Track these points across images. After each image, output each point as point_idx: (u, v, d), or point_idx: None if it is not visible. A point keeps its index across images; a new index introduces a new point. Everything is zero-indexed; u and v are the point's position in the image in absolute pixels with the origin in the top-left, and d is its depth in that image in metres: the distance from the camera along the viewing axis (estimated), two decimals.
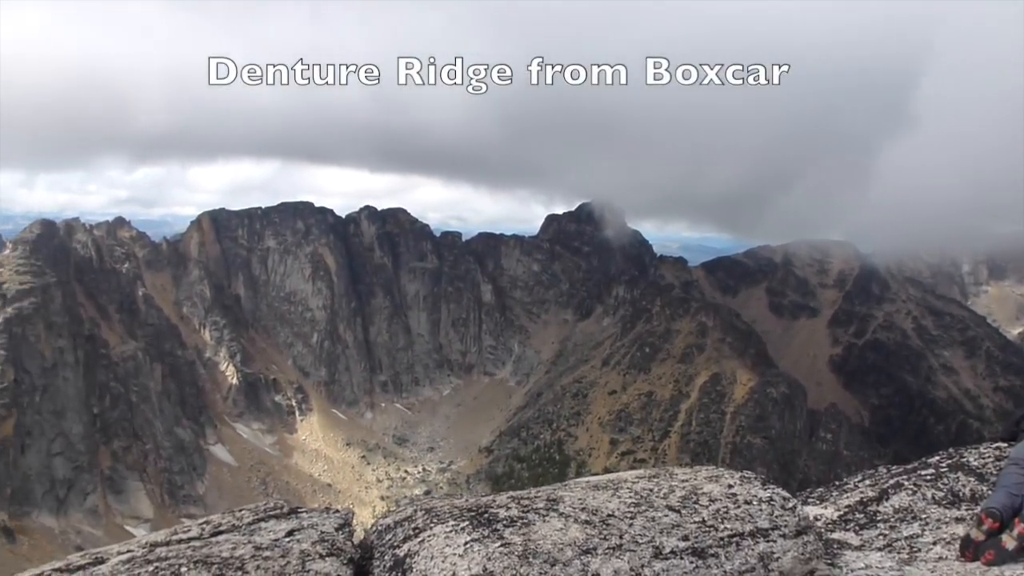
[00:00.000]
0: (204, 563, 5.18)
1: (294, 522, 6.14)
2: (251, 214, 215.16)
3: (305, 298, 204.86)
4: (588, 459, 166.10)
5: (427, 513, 5.93)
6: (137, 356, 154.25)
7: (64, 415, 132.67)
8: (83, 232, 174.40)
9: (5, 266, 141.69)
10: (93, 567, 5.70)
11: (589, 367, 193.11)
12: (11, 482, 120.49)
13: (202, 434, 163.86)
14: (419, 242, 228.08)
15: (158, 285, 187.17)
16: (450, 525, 5.48)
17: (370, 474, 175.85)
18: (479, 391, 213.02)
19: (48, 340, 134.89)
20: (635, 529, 5.57)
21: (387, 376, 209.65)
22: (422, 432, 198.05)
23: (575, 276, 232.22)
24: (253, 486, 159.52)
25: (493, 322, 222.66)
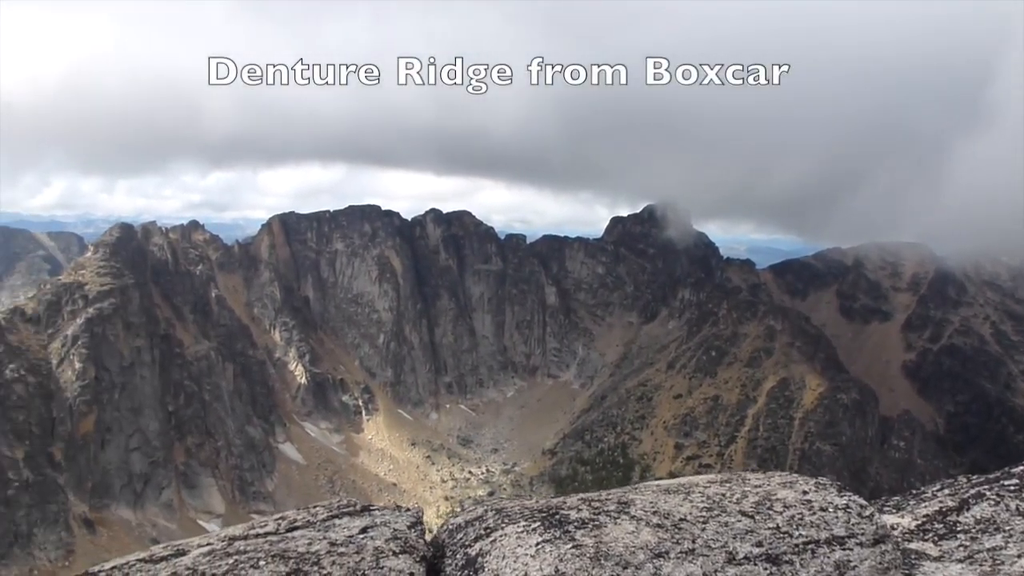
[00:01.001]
0: (281, 557, 5.30)
1: (367, 519, 6.24)
2: (319, 217, 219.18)
3: (372, 300, 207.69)
4: (652, 463, 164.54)
5: (498, 513, 5.97)
6: (210, 356, 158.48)
7: (141, 412, 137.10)
8: (159, 235, 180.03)
9: (87, 268, 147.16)
10: (175, 558, 5.87)
11: (654, 370, 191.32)
12: (92, 476, 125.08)
13: (272, 432, 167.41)
14: (484, 244, 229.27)
15: (230, 287, 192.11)
16: (521, 525, 5.50)
17: (434, 474, 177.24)
18: (543, 393, 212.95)
19: (126, 339, 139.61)
20: (708, 534, 5.51)
21: (452, 377, 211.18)
22: (486, 433, 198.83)
23: (640, 278, 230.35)
24: (320, 484, 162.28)
25: (557, 324, 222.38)
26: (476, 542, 5.60)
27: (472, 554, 5.45)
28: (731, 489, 6.49)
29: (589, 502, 6.07)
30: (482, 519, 6.01)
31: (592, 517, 5.64)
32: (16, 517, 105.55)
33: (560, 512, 5.77)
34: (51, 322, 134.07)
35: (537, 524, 5.51)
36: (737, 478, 6.95)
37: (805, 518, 5.95)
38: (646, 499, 6.12)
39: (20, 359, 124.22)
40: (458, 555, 5.63)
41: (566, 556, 4.96)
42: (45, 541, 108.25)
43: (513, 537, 5.37)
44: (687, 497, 6.23)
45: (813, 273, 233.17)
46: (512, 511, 5.99)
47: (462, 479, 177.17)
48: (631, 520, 5.61)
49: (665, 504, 6.00)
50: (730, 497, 6.26)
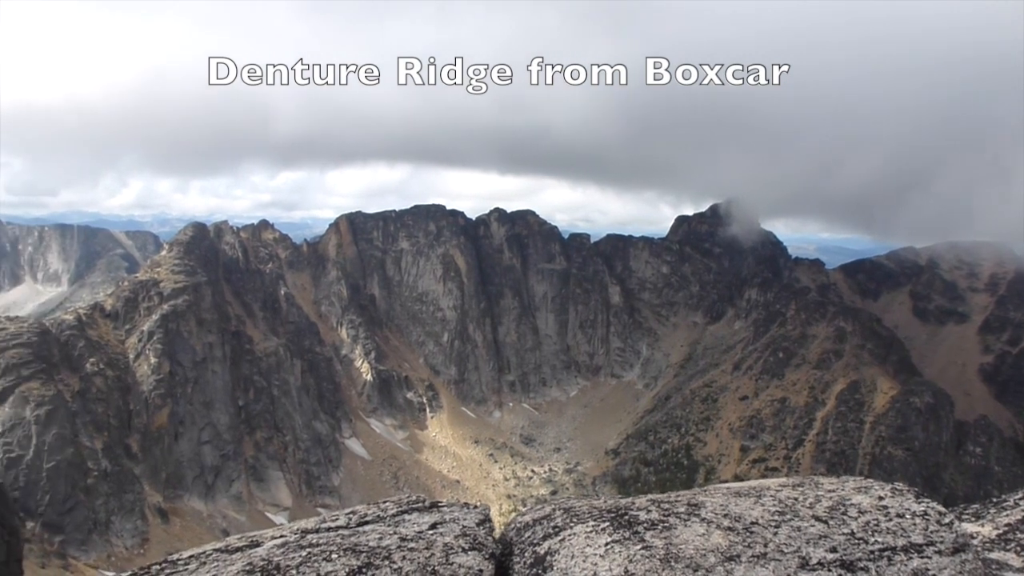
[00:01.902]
0: (353, 551, 5.39)
1: (436, 516, 6.30)
2: (385, 216, 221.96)
3: (436, 298, 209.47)
4: (717, 465, 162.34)
5: (566, 512, 5.96)
6: (279, 352, 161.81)
7: (213, 406, 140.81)
8: (231, 234, 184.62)
9: (162, 266, 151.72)
10: (250, 549, 6.01)
11: (719, 371, 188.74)
12: (166, 467, 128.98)
13: (338, 428, 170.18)
14: (548, 244, 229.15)
15: (299, 285, 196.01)
16: (590, 525, 5.48)
17: (497, 472, 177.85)
18: (606, 393, 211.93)
19: (199, 335, 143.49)
20: (780, 538, 5.41)
21: (515, 376, 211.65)
22: (549, 432, 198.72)
23: (705, 278, 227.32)
24: (385, 479, 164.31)
25: (621, 324, 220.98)
26: (544, 541, 5.60)
27: (540, 552, 5.46)
28: (804, 493, 6.37)
29: (658, 503, 6.01)
30: (550, 518, 6.00)
31: (662, 518, 5.59)
32: (95, 505, 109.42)
33: (629, 513, 5.74)
34: (128, 318, 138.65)
35: (606, 524, 5.49)
36: (809, 482, 6.81)
37: (881, 524, 5.79)
38: (716, 501, 6.04)
39: (100, 353, 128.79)
40: (526, 553, 5.64)
41: (636, 557, 4.93)
42: (122, 529, 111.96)
43: (582, 537, 5.36)
44: (758, 500, 6.13)
45: (885, 273, 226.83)
46: (580, 511, 5.98)
47: (524, 478, 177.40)
48: (701, 522, 5.54)
49: (736, 507, 5.92)
50: (803, 501, 6.14)
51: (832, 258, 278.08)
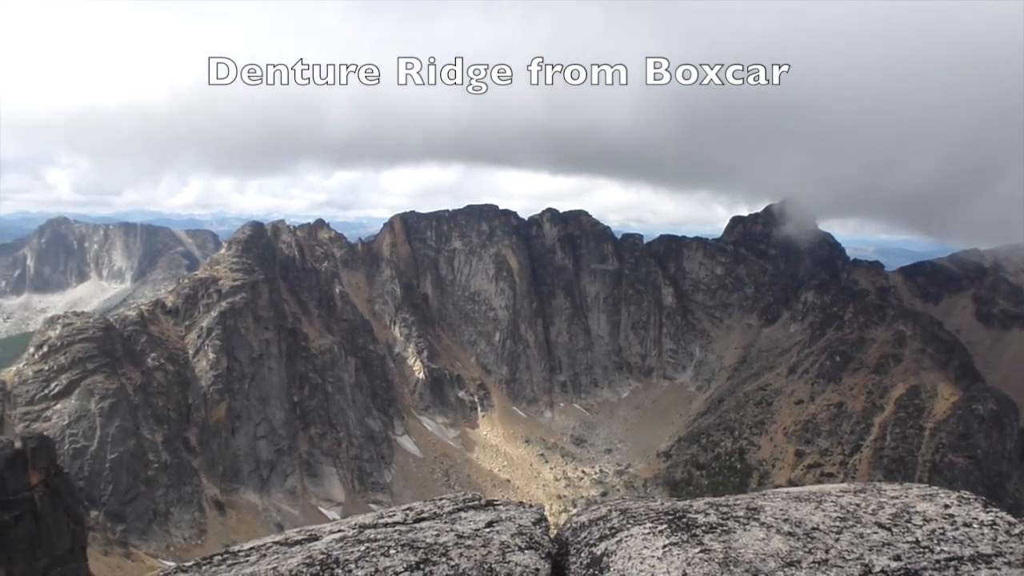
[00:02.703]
0: (411, 547, 5.43)
1: (492, 514, 6.32)
2: (439, 216, 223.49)
3: (489, 298, 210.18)
4: (771, 470, 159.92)
5: (622, 514, 5.93)
6: (333, 349, 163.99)
7: (268, 402, 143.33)
8: (287, 233, 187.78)
9: (221, 264, 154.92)
10: (309, 543, 6.11)
11: (774, 375, 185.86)
12: (223, 461, 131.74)
13: (391, 425, 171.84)
14: (600, 244, 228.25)
15: (353, 283, 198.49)
16: (647, 527, 5.45)
17: (547, 472, 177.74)
18: (658, 395, 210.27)
19: (256, 332, 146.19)
20: (842, 544, 5.31)
21: (566, 376, 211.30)
22: (600, 433, 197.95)
23: (761, 280, 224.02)
24: (436, 477, 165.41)
25: (674, 325, 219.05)
26: (601, 541, 5.58)
27: (597, 553, 5.44)
28: (866, 499, 6.24)
29: (716, 506, 5.94)
30: (606, 519, 5.98)
31: (720, 522, 5.53)
32: (155, 496, 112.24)
33: (687, 515, 5.68)
34: (188, 314, 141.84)
35: (664, 526, 5.44)
36: (872, 488, 6.67)
37: (947, 533, 5.64)
38: (776, 506, 5.95)
39: (160, 348, 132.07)
40: (583, 553, 5.62)
41: (694, 560, 4.88)
42: (180, 520, 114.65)
43: (639, 538, 5.33)
44: (819, 506, 6.02)
45: (947, 276, 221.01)
46: (637, 512, 5.94)
47: (575, 478, 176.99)
48: (761, 527, 5.47)
49: (796, 512, 5.82)
50: (865, 508, 6.01)
51: (892, 260, 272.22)
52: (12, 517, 53.45)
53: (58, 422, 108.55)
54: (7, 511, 53.26)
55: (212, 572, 5.80)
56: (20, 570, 52.60)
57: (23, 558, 53.29)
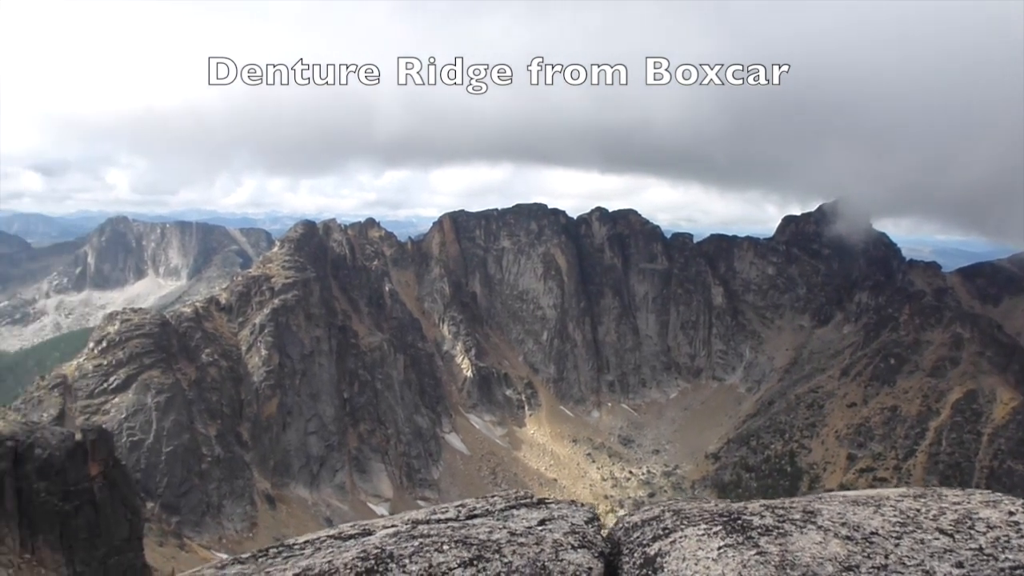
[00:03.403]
0: (464, 543, 5.46)
1: (544, 512, 6.32)
2: (488, 215, 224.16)
3: (537, 297, 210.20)
4: (822, 473, 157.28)
5: (675, 514, 5.88)
6: (383, 347, 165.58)
7: (319, 398, 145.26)
8: (339, 232, 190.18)
9: (274, 262, 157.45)
10: (363, 537, 6.17)
11: (826, 377, 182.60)
12: (274, 455, 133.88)
13: (439, 422, 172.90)
14: (649, 243, 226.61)
15: (403, 281, 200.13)
16: (702, 528, 5.39)
17: (594, 472, 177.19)
18: (707, 396, 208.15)
19: (307, 329, 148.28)
20: (902, 550, 5.20)
21: (614, 376, 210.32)
22: (647, 434, 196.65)
23: (813, 280, 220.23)
24: (483, 475, 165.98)
25: (724, 326, 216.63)
26: (654, 542, 5.53)
27: (651, 553, 5.39)
28: (926, 505, 6.09)
29: (772, 509, 5.86)
30: (659, 519, 5.93)
31: (776, 524, 5.44)
32: (208, 489, 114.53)
33: (742, 517, 5.61)
34: (241, 311, 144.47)
35: (719, 528, 5.38)
36: (932, 493, 6.52)
37: (1012, 541, 5.48)
38: (833, 509, 5.84)
39: (215, 344, 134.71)
40: (636, 554, 5.58)
41: (750, 563, 4.82)
42: (232, 513, 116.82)
43: (693, 539, 5.27)
44: (878, 510, 5.90)
45: (1007, 277, 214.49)
46: (691, 513, 5.88)
47: (621, 479, 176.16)
48: (818, 530, 5.37)
49: (854, 516, 5.71)
50: (926, 513, 5.88)
51: (949, 261, 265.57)
52: (73, 507, 55.02)
53: (116, 415, 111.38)
54: (68, 501, 54.84)
55: (268, 564, 5.89)
56: (81, 558, 54.13)
57: (83, 547, 54.81)
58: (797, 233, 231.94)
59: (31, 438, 55.14)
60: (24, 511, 51.40)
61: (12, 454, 52.28)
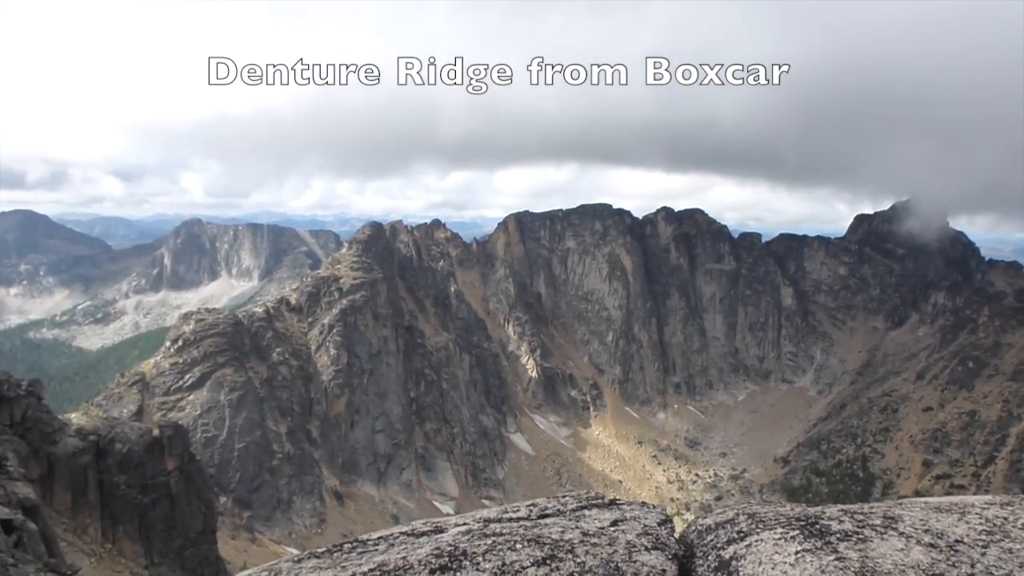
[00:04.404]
0: (536, 542, 5.48)
1: (616, 513, 6.29)
2: (552, 216, 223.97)
3: (602, 297, 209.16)
4: (896, 479, 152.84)
5: (750, 518, 5.79)
6: (449, 347, 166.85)
7: (386, 397, 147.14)
8: (405, 233, 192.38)
9: (342, 263, 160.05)
10: (435, 534, 6.24)
11: (901, 380, 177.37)
12: (342, 453, 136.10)
13: (504, 422, 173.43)
14: (716, 243, 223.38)
15: (468, 282, 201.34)
16: (778, 532, 5.30)
17: (660, 475, 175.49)
18: (776, 398, 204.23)
19: (375, 329, 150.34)
20: (988, 559, 5.03)
21: (680, 378, 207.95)
22: (715, 436, 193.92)
23: (887, 281, 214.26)
24: (548, 476, 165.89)
25: (794, 327, 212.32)
26: (729, 545, 5.46)
27: (726, 557, 5.33)
28: (1014, 513, 5.88)
29: (851, 514, 5.73)
30: (734, 522, 5.85)
31: (856, 530, 5.32)
32: (279, 485, 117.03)
33: (820, 522, 5.50)
34: (311, 311, 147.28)
35: (796, 532, 5.28)
36: (1020, 501, 6.29)
37: None
38: (915, 516, 5.69)
39: (285, 344, 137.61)
40: (710, 556, 5.52)
41: (828, 568, 4.72)
42: (302, 508, 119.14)
43: (770, 544, 5.19)
44: (962, 517, 5.72)
45: None
46: (766, 516, 5.79)
47: (688, 481, 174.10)
48: (900, 537, 5.23)
49: (937, 523, 5.55)
50: (1014, 521, 5.67)
51: None
52: (151, 500, 56.85)
53: (191, 412, 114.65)
54: (146, 494, 56.69)
55: (343, 559, 5.99)
56: (158, 549, 55.89)
57: (160, 538, 56.60)
58: (870, 232, 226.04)
59: (112, 433, 57.14)
60: (105, 503, 53.32)
61: (95, 448, 54.25)
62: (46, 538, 30.28)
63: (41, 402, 52.44)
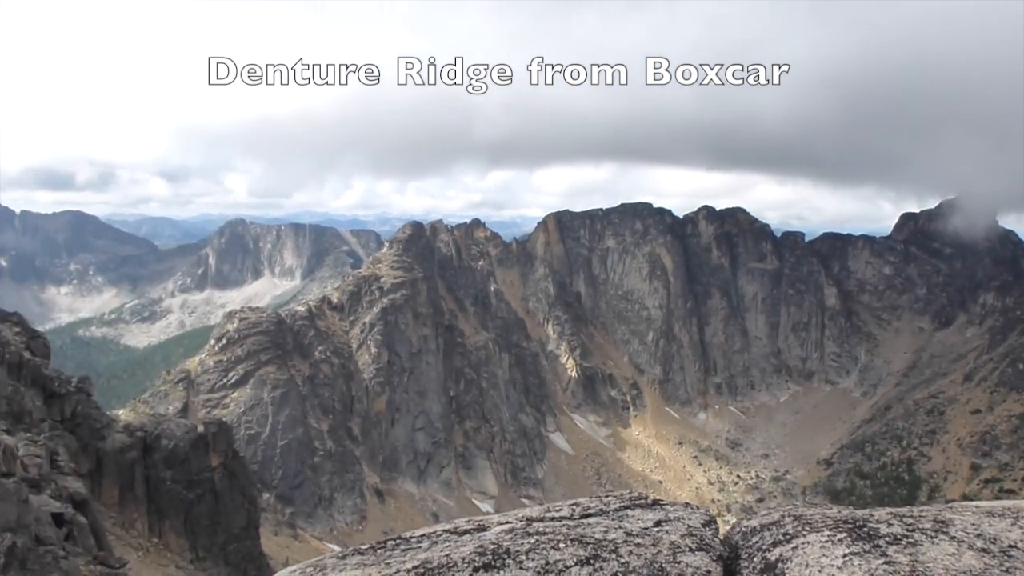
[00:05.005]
0: (579, 542, 5.46)
1: (660, 513, 6.26)
2: (592, 215, 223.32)
3: (642, 297, 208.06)
4: (943, 483, 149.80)
5: (796, 519, 5.72)
6: (488, 346, 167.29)
7: (426, 395, 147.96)
8: (445, 233, 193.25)
9: (383, 262, 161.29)
10: (478, 532, 6.25)
11: (948, 382, 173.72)
12: (383, 451, 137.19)
13: (543, 422, 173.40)
14: (758, 242, 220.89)
15: (507, 281, 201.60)
16: (825, 535, 5.23)
17: (700, 475, 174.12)
18: (819, 400, 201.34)
19: (415, 328, 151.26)
20: None
21: (722, 378, 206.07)
22: (756, 438, 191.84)
23: (933, 280, 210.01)
24: (587, 475, 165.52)
25: (837, 328, 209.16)
26: (775, 547, 5.40)
27: (771, 559, 5.27)
28: None
29: (900, 517, 5.63)
30: (779, 524, 5.78)
31: (906, 533, 5.23)
32: (320, 482, 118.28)
33: (868, 525, 5.41)
34: (352, 310, 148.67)
35: (843, 535, 5.21)
36: None
37: None
38: (967, 520, 5.57)
39: (327, 342, 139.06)
40: (755, 558, 5.46)
41: (878, 572, 4.64)
42: (343, 505, 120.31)
43: (817, 546, 5.12)
44: (1016, 522, 5.58)
45: None
46: (813, 518, 5.71)
47: (729, 483, 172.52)
48: (951, 541, 5.13)
49: (990, 528, 5.42)
50: None
51: None
52: (196, 495, 57.84)
53: (235, 409, 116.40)
54: (191, 489, 57.69)
55: (387, 556, 6.03)
56: (202, 544, 56.85)
57: (205, 533, 57.56)
58: (916, 231, 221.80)
59: (158, 429, 58.26)
60: (152, 498, 54.39)
61: (141, 444, 55.36)
62: (95, 531, 30.98)
63: (90, 398, 53.66)
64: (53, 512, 26.25)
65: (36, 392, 47.84)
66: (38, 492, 27.26)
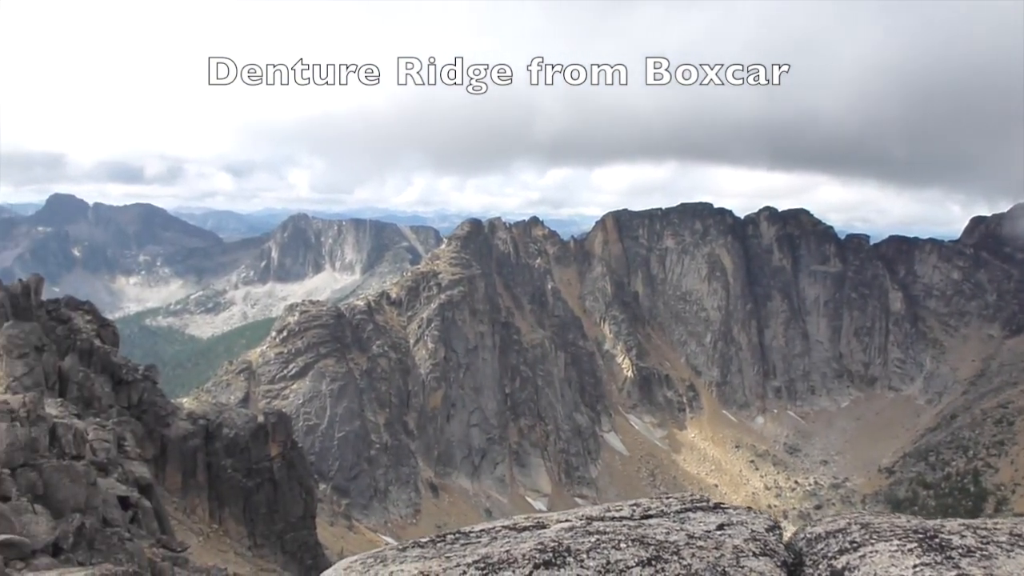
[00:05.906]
0: (640, 542, 5.43)
1: (722, 516, 6.19)
2: (651, 215, 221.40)
3: (701, 298, 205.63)
4: (1011, 496, 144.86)
5: (864, 527, 5.60)
6: (544, 344, 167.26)
7: (482, 392, 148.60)
8: (503, 230, 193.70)
9: (441, 259, 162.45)
10: (537, 530, 6.26)
11: (1018, 391, 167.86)
12: (438, 446, 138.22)
13: (598, 421, 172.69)
14: (821, 245, 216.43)
15: (565, 280, 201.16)
16: (895, 544, 5.11)
17: (757, 480, 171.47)
18: (882, 406, 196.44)
19: (472, 324, 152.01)
20: None
21: (781, 382, 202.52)
22: (815, 443, 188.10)
23: (1004, 287, 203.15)
24: (642, 476, 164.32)
25: (902, 333, 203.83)
26: (841, 555, 5.30)
27: (838, 567, 5.17)
28: None
29: (973, 528, 5.47)
30: (846, 532, 5.67)
31: (980, 546, 5.08)
32: (376, 475, 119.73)
33: (940, 535, 5.27)
34: (410, 305, 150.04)
35: (914, 545, 5.08)
36: None
37: None
38: None
39: (385, 337, 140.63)
40: (820, 566, 5.37)
41: None
42: (398, 499, 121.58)
43: (886, 555, 5.00)
44: None
45: None
46: (881, 527, 5.58)
47: (786, 488, 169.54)
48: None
49: None
50: None
51: None
52: (255, 484, 59.00)
53: (294, 400, 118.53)
54: (251, 478, 58.86)
55: (447, 549, 6.07)
56: (260, 531, 57.99)
57: (263, 521, 58.69)
58: (987, 235, 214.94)
59: (220, 418, 59.58)
60: (213, 485, 55.63)
61: (204, 432, 56.64)
62: (159, 516, 31.81)
63: (156, 386, 55.12)
64: (119, 495, 27.04)
65: (105, 379, 49.28)
66: (105, 475, 28.11)
